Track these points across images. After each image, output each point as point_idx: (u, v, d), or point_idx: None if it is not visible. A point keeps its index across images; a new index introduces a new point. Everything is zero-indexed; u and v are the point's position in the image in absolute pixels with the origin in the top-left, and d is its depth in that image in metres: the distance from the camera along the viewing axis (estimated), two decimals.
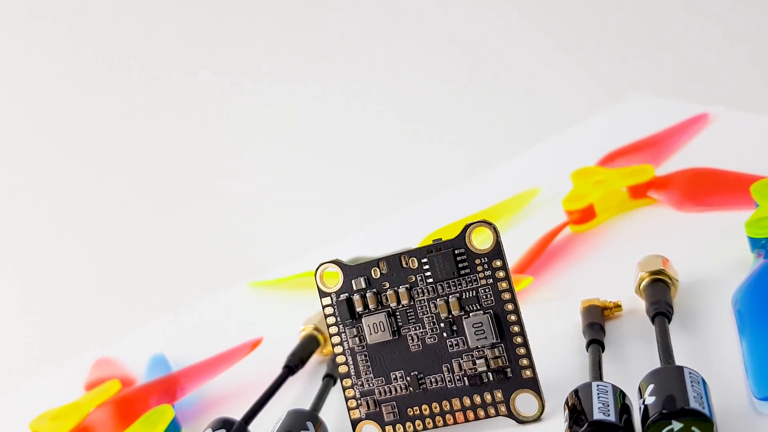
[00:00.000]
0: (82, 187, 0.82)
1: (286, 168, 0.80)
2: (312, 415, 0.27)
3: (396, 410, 0.27)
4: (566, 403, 0.23)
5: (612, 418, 0.21)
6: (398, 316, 0.27)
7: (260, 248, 0.69)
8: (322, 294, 0.27)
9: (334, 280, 0.27)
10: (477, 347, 0.26)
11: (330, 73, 0.86)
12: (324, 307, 0.27)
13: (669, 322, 0.27)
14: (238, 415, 0.29)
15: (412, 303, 0.26)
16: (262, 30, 0.86)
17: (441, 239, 0.26)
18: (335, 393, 0.31)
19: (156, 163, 0.83)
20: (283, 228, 0.72)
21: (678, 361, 0.24)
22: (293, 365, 0.33)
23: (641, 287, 0.29)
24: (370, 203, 0.69)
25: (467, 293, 0.26)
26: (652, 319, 0.27)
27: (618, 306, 0.30)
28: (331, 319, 0.27)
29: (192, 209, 0.79)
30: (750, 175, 0.34)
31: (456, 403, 0.26)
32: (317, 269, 0.27)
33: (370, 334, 0.27)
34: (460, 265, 0.26)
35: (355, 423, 0.27)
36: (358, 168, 0.78)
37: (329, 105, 0.85)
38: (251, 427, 0.29)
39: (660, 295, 0.28)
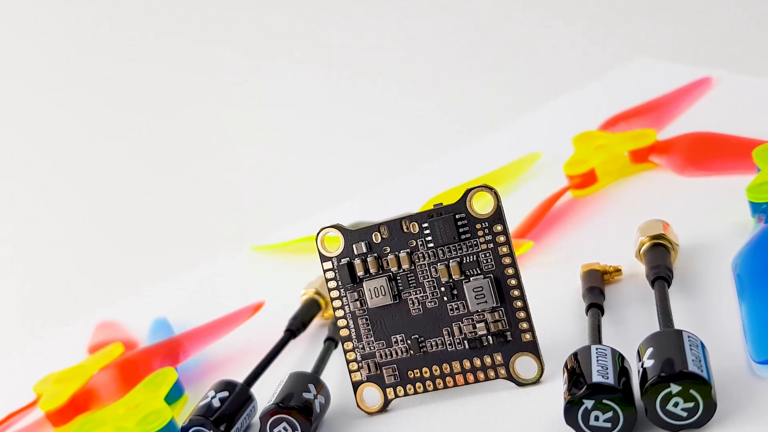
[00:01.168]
0: (84, 152, 0.82)
1: (288, 132, 0.80)
2: (314, 378, 0.28)
3: (397, 373, 0.27)
4: (565, 366, 0.23)
5: (611, 381, 0.21)
6: (399, 281, 0.27)
7: (262, 213, 0.69)
8: (324, 258, 0.27)
9: (335, 244, 0.27)
10: (477, 311, 0.26)
11: (330, 38, 0.86)
12: (325, 271, 0.27)
13: (669, 287, 0.27)
14: (240, 378, 0.30)
15: (412, 267, 0.27)
16: None
17: (442, 204, 0.26)
18: (336, 356, 0.31)
19: (158, 127, 0.82)
20: (285, 192, 0.72)
21: (677, 325, 0.24)
22: (295, 329, 0.33)
23: (641, 252, 0.29)
24: (371, 168, 0.69)
25: (468, 258, 0.26)
26: (652, 284, 0.27)
27: (618, 270, 0.30)
28: (332, 283, 0.27)
29: (194, 173, 0.79)
30: (752, 139, 0.34)
31: (456, 366, 0.26)
32: (318, 234, 0.27)
33: (371, 298, 0.27)
34: (461, 230, 0.26)
35: (356, 385, 0.27)
36: (359, 132, 0.77)
37: (330, 69, 0.84)
38: (253, 389, 0.29)
39: (660, 259, 0.28)
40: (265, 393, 0.29)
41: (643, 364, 0.22)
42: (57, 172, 0.82)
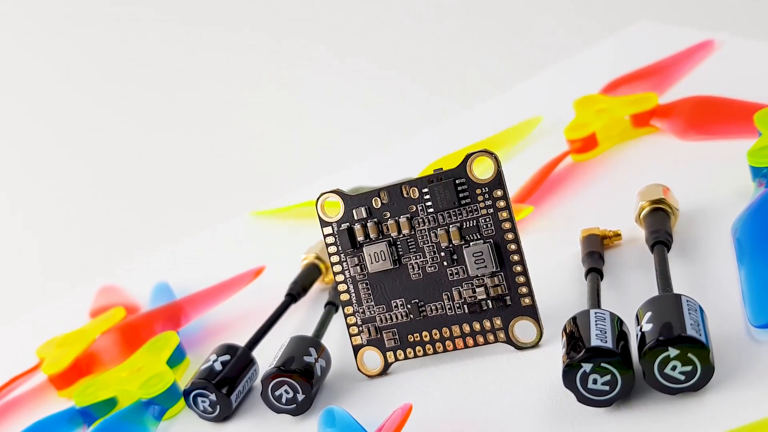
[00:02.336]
0: (85, 118, 0.82)
1: (288, 98, 0.80)
2: (315, 342, 0.28)
3: (397, 337, 0.27)
4: (564, 330, 0.23)
5: (609, 344, 0.22)
6: (399, 246, 0.27)
7: (262, 178, 0.69)
8: (324, 223, 0.27)
9: (335, 209, 0.27)
10: (477, 276, 0.26)
11: (329, 4, 0.85)
12: (325, 236, 0.27)
13: (668, 251, 0.27)
14: (241, 342, 0.30)
15: (412, 232, 0.27)
16: None
17: (442, 169, 0.26)
18: (337, 320, 0.31)
19: (159, 95, 0.82)
20: (285, 158, 0.72)
21: (676, 290, 0.24)
22: (295, 293, 0.33)
23: (641, 216, 0.29)
24: (371, 133, 0.69)
25: (468, 223, 0.26)
26: (652, 248, 0.27)
27: (618, 235, 0.30)
28: (333, 248, 0.27)
29: (195, 139, 0.79)
30: (754, 103, 0.33)
31: (456, 330, 0.27)
32: (318, 199, 0.27)
33: (371, 263, 0.27)
34: (461, 195, 0.26)
35: (356, 349, 0.28)
36: (359, 98, 0.77)
37: (329, 35, 0.83)
38: (255, 353, 0.30)
39: (660, 224, 0.28)
40: (267, 357, 0.29)
41: (641, 328, 0.22)
42: (57, 140, 0.82)
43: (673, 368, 0.21)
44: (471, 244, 0.26)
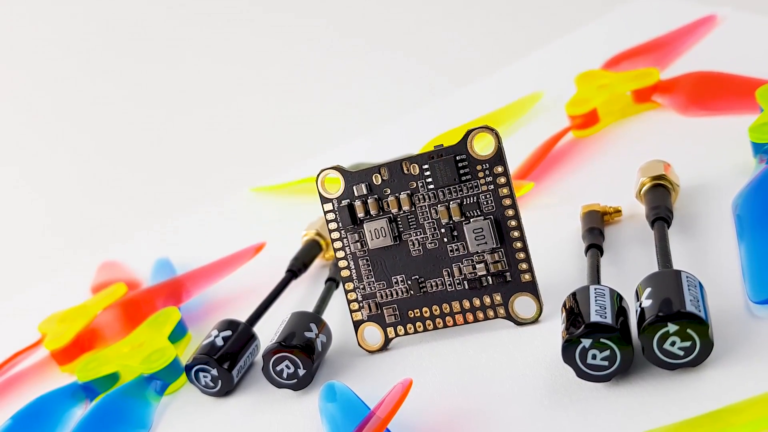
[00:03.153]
0: (87, 94, 0.81)
1: (288, 73, 0.79)
2: (315, 317, 0.28)
3: (397, 312, 0.27)
4: (564, 305, 0.23)
5: (608, 320, 0.22)
6: (399, 222, 0.27)
7: (262, 154, 0.69)
8: (324, 200, 0.27)
9: (336, 185, 0.27)
10: (477, 252, 0.26)
11: None
12: (326, 212, 0.27)
13: (668, 227, 0.27)
14: (242, 318, 0.30)
15: (413, 209, 0.27)
16: None
17: (442, 145, 0.26)
18: (337, 296, 0.31)
19: (161, 69, 0.82)
20: (285, 133, 0.72)
21: (676, 266, 0.24)
22: (296, 269, 0.33)
23: (642, 192, 0.29)
24: (371, 109, 0.69)
25: (468, 199, 0.26)
26: (652, 224, 0.27)
27: (618, 211, 0.30)
28: (333, 225, 0.27)
29: (195, 115, 0.78)
30: (756, 78, 0.33)
31: (456, 305, 0.27)
32: (318, 175, 0.27)
33: (372, 239, 0.27)
34: (461, 171, 0.26)
35: (357, 325, 0.28)
36: (360, 74, 0.76)
37: (329, 10, 0.83)
38: (256, 328, 0.30)
39: (660, 200, 0.28)
40: (268, 332, 0.29)
41: (641, 304, 0.22)
42: (59, 114, 0.81)
43: (672, 344, 0.21)
44: (471, 220, 0.26)
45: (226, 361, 0.28)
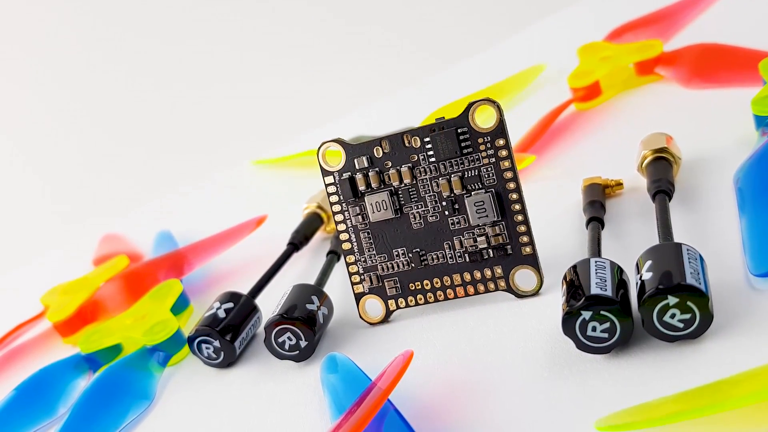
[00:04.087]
0: (88, 66, 0.81)
1: (288, 45, 0.79)
2: (317, 290, 0.28)
3: (398, 285, 0.27)
4: (564, 278, 0.23)
5: (608, 292, 0.22)
6: (400, 195, 0.27)
7: (263, 126, 0.69)
8: (325, 173, 0.27)
9: (337, 158, 0.27)
10: (478, 225, 0.26)
11: None
12: (327, 185, 0.27)
13: (670, 200, 0.27)
14: (244, 290, 0.30)
15: (414, 182, 0.27)
16: None
17: (444, 118, 0.26)
18: (339, 269, 0.31)
19: (161, 41, 0.81)
20: (286, 106, 0.72)
21: (677, 238, 0.24)
22: (297, 242, 0.34)
23: (643, 165, 0.29)
24: (372, 81, 0.69)
25: (469, 172, 0.26)
26: (653, 197, 0.27)
27: (619, 184, 0.30)
28: (334, 198, 0.27)
29: (196, 87, 0.78)
30: (760, 51, 0.33)
31: (457, 278, 0.27)
32: (319, 148, 0.27)
33: (373, 212, 0.27)
34: (463, 144, 0.26)
35: (358, 297, 0.28)
36: (360, 45, 0.76)
37: None
38: (257, 301, 0.30)
39: (662, 173, 0.28)
40: (269, 305, 0.29)
41: (641, 277, 0.22)
42: (59, 86, 0.81)
43: (672, 316, 0.21)
44: (472, 193, 0.26)
45: (228, 333, 0.28)
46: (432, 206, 0.27)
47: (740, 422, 0.18)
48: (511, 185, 0.26)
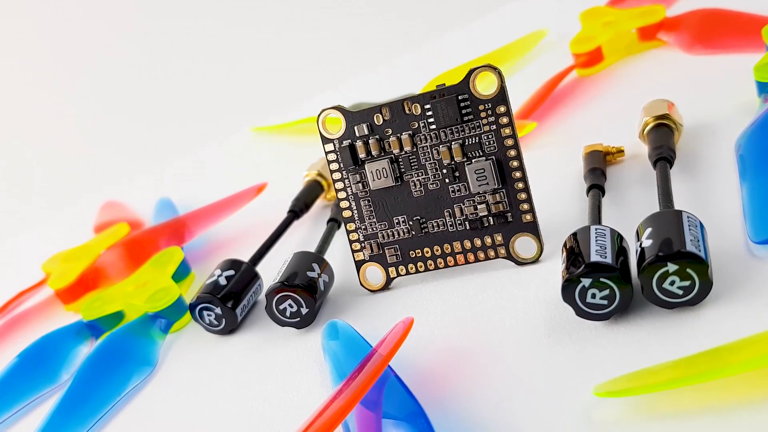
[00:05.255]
0: (87, 33, 0.80)
1: (288, 11, 0.78)
2: (317, 257, 0.28)
3: (399, 253, 0.27)
4: (564, 245, 0.23)
5: (608, 260, 0.22)
6: (401, 163, 0.27)
7: (262, 93, 0.68)
8: (325, 140, 0.27)
9: (337, 126, 0.27)
10: (478, 192, 0.26)
11: None
12: (327, 153, 0.27)
13: (671, 167, 0.27)
14: (245, 257, 0.30)
15: (414, 149, 0.26)
16: None
17: (444, 84, 0.26)
18: (339, 236, 0.31)
19: (161, 10, 0.80)
20: (286, 73, 0.71)
21: (677, 206, 0.24)
22: (298, 210, 0.34)
23: (645, 132, 0.29)
24: (373, 47, 0.68)
25: (470, 139, 0.26)
26: (654, 164, 0.27)
27: (620, 151, 0.30)
28: (334, 165, 0.27)
29: (195, 54, 0.77)
30: (763, 16, 0.33)
31: (457, 246, 0.27)
32: (319, 115, 0.27)
33: (373, 180, 0.27)
34: (464, 111, 0.26)
35: (359, 264, 0.28)
36: (361, 10, 0.75)
37: None
38: (258, 268, 0.30)
39: (663, 140, 0.28)
40: (270, 272, 0.29)
41: (641, 244, 0.22)
42: (60, 52, 0.81)
43: (672, 283, 0.21)
44: (473, 160, 0.26)
45: (229, 300, 0.28)
46: (432, 174, 0.27)
47: (738, 389, 0.18)
48: (512, 152, 0.26)
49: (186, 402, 0.26)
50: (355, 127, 0.27)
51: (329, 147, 0.27)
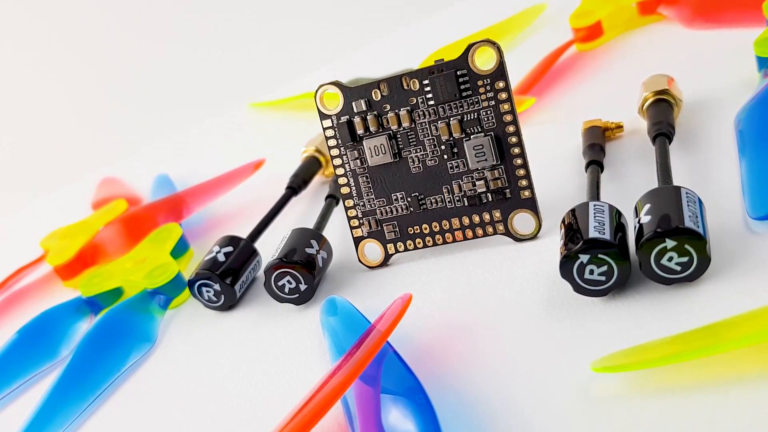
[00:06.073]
0: (82, 9, 0.80)
1: None
2: (316, 234, 0.28)
3: (397, 229, 0.27)
4: (563, 222, 0.23)
5: (607, 236, 0.22)
6: (399, 139, 0.27)
7: (261, 69, 0.68)
8: (323, 116, 0.27)
9: (335, 101, 0.27)
10: (477, 169, 0.26)
11: None
12: (325, 129, 0.27)
13: (670, 143, 0.27)
14: (243, 234, 0.30)
15: (413, 125, 0.26)
16: None
17: (443, 60, 0.26)
18: (338, 213, 0.31)
19: None
20: (284, 48, 0.71)
21: (676, 181, 0.24)
22: (296, 186, 0.33)
23: (644, 107, 0.29)
24: (371, 22, 0.67)
25: (469, 115, 0.26)
26: (653, 140, 0.27)
27: (620, 127, 0.30)
28: (332, 142, 0.27)
29: (193, 29, 0.77)
30: None
31: (455, 222, 0.27)
32: (317, 91, 0.27)
33: (371, 156, 0.27)
34: (462, 87, 0.26)
35: (357, 241, 0.28)
36: None
37: None
38: (257, 244, 0.30)
39: (662, 115, 0.28)
40: (269, 249, 0.29)
41: (639, 220, 0.22)
42: (56, 29, 0.80)
43: (670, 259, 0.21)
44: (472, 136, 0.26)
45: (228, 276, 0.28)
46: (431, 150, 0.26)
47: (736, 364, 0.18)
48: (511, 128, 0.26)
49: (185, 377, 0.26)
50: (353, 103, 0.27)
51: (327, 123, 0.27)
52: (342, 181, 0.27)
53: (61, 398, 0.26)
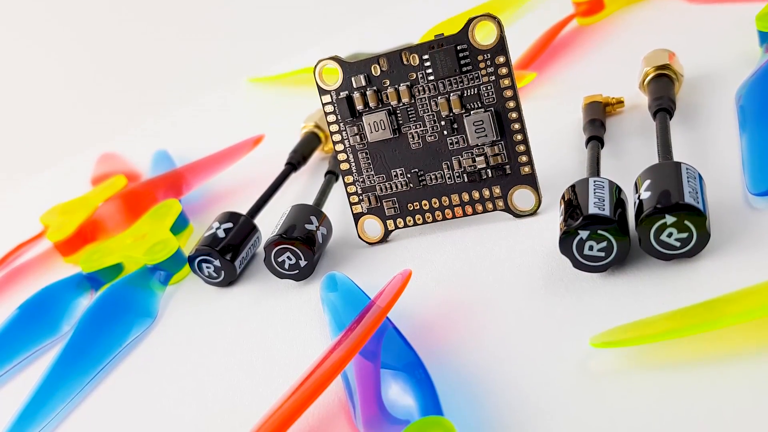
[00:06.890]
0: None
1: None
2: (316, 210, 0.28)
3: (397, 205, 0.27)
4: (562, 198, 0.23)
5: (606, 212, 0.22)
6: (399, 114, 0.27)
7: (259, 43, 0.67)
8: (322, 92, 0.27)
9: (334, 77, 0.27)
10: (477, 145, 0.26)
11: None
12: (324, 104, 0.27)
13: (671, 118, 0.27)
14: (242, 210, 0.30)
15: (412, 101, 0.26)
16: None
17: (443, 34, 0.26)
18: (337, 189, 0.31)
19: None
20: (283, 22, 0.70)
21: (677, 157, 0.24)
22: (295, 162, 0.33)
23: (645, 83, 0.28)
24: None
25: (469, 91, 0.26)
26: (654, 115, 0.27)
27: (620, 102, 0.30)
28: (332, 117, 0.27)
29: (191, 3, 0.76)
30: None
31: (455, 198, 0.27)
32: (316, 66, 0.27)
33: (371, 132, 0.27)
34: (462, 62, 0.25)
35: (357, 217, 0.28)
36: None
37: None
38: (256, 220, 0.30)
39: (663, 90, 0.28)
40: (268, 225, 0.29)
41: (639, 196, 0.22)
42: (55, 5, 0.79)
43: (669, 235, 0.21)
44: (472, 112, 0.26)
45: (228, 252, 0.28)
46: (431, 126, 0.26)
47: (734, 340, 0.18)
48: (511, 104, 0.25)
49: (186, 353, 0.26)
50: (353, 79, 0.26)
51: (326, 98, 0.27)
52: (341, 157, 0.27)
53: (62, 374, 0.26)
